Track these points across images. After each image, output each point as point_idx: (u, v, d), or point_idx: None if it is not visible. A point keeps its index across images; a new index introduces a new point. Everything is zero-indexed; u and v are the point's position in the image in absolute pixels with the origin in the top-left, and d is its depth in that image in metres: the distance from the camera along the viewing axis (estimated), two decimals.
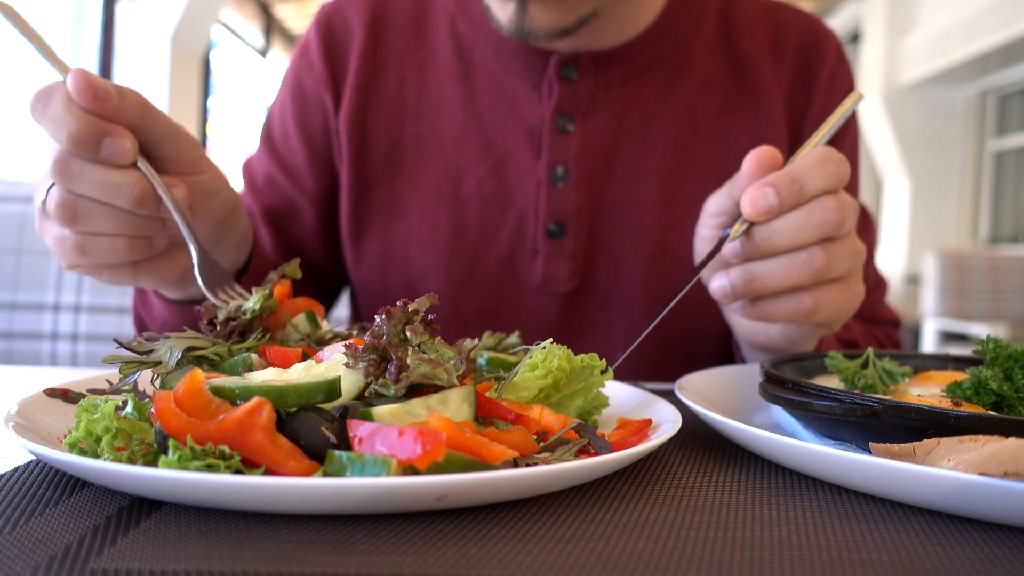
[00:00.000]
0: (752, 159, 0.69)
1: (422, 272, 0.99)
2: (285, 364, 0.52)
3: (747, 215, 0.67)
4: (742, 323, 0.78)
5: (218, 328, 0.59)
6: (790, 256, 0.67)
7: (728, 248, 0.69)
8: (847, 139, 1.04)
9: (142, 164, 0.65)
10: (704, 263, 0.70)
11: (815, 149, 0.69)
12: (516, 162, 0.98)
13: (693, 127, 1.00)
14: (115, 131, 0.63)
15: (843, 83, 1.05)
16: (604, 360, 0.57)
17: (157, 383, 0.53)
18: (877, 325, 1.05)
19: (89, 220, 0.65)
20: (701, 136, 1.00)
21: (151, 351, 0.54)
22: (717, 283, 0.70)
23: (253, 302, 0.59)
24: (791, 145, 1.02)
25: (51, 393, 0.56)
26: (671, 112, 1.00)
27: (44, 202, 0.65)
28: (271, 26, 8.72)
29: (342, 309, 1.44)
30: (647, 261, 0.98)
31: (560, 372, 0.54)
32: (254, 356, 0.53)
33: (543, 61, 0.98)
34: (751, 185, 0.68)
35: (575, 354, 0.56)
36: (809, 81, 1.03)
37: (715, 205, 0.76)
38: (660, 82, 1.00)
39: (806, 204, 0.66)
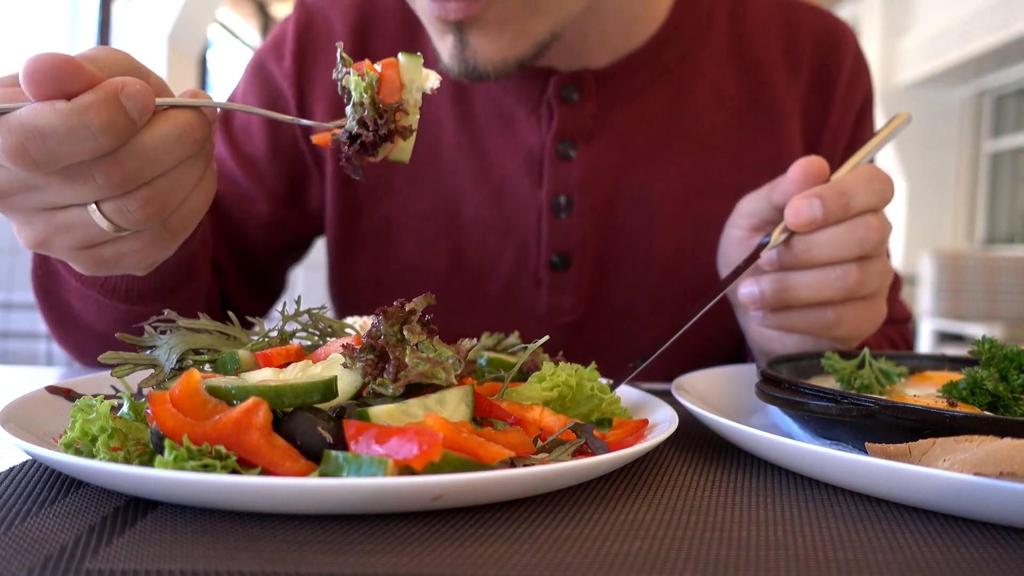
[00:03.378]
0: (800, 168, 0.68)
1: None
2: (278, 363, 0.52)
3: (790, 224, 0.66)
4: (758, 330, 0.77)
5: (356, 146, 0.55)
6: (824, 270, 0.67)
7: (763, 255, 0.69)
8: (859, 129, 1.00)
9: (161, 100, 0.52)
10: (741, 269, 0.69)
11: (863, 166, 0.69)
12: (515, 189, 0.93)
13: (706, 143, 0.95)
14: (116, 85, 0.48)
15: (862, 85, 1.00)
16: (610, 383, 0.58)
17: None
18: (890, 324, 1.03)
19: (176, 192, 0.54)
20: (715, 152, 0.95)
21: (152, 348, 0.54)
22: (746, 290, 0.70)
23: (369, 76, 0.54)
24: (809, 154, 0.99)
25: (53, 390, 0.56)
26: (682, 128, 0.94)
27: (110, 229, 0.53)
28: (268, 25, 8.71)
29: None
30: (657, 286, 0.95)
31: (566, 387, 0.54)
32: (244, 354, 0.53)
33: (542, 83, 0.92)
34: (798, 195, 0.67)
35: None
36: (827, 88, 0.98)
37: (749, 206, 0.75)
38: (667, 96, 0.94)
39: (849, 220, 0.66)
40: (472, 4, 0.74)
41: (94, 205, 0.52)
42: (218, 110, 0.54)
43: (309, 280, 1.96)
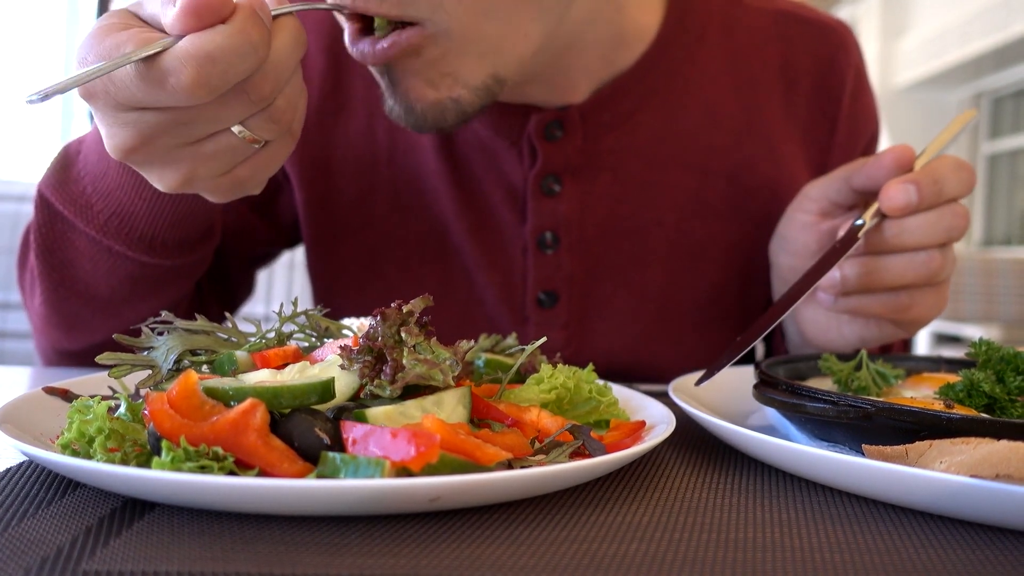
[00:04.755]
0: (893, 155, 0.69)
1: None
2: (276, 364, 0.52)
3: (886, 209, 0.67)
4: (815, 318, 0.77)
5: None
6: (911, 255, 0.68)
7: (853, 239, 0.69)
8: (869, 146, 0.99)
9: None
10: (840, 252, 0.68)
11: (946, 155, 0.70)
12: (499, 222, 0.89)
13: (701, 166, 0.90)
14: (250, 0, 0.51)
15: (866, 100, 0.97)
16: (607, 384, 0.58)
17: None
18: None
19: (298, 96, 0.58)
20: (711, 175, 0.90)
21: (149, 348, 0.54)
22: (827, 274, 0.70)
23: None
24: (814, 177, 0.92)
25: (50, 391, 0.56)
26: (674, 151, 0.90)
27: (244, 142, 0.56)
28: None
29: None
30: (653, 318, 0.91)
31: (564, 389, 0.55)
32: (242, 355, 0.53)
33: (521, 118, 0.86)
34: (892, 180, 0.68)
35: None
36: (831, 108, 0.94)
37: (820, 190, 0.76)
38: (658, 119, 0.89)
39: (939, 207, 0.68)
40: (387, 46, 0.68)
41: (239, 124, 0.55)
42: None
43: (307, 281, 1.96)
